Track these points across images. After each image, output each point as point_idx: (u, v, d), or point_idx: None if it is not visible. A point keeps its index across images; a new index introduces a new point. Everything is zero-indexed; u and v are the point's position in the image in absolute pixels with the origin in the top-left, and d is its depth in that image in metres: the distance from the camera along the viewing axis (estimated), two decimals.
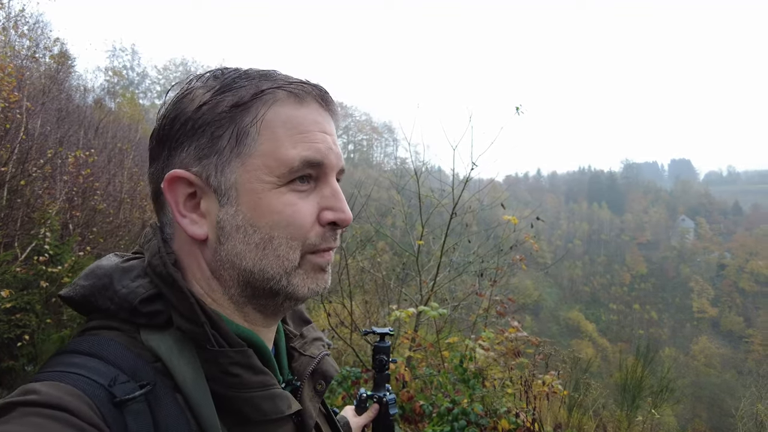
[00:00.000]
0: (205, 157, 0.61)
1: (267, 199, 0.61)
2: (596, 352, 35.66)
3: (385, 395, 1.28)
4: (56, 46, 12.62)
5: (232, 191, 0.61)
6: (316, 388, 0.76)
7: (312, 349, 0.79)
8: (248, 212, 0.61)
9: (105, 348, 0.58)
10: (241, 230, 0.61)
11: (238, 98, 0.61)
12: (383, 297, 6.27)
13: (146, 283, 0.62)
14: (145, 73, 60.47)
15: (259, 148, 0.61)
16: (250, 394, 0.60)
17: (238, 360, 0.60)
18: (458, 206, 5.51)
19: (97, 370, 0.55)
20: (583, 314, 56.48)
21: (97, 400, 0.51)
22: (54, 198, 6.62)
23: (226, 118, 0.61)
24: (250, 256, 0.62)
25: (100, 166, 8.64)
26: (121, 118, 15.28)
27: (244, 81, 0.63)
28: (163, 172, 0.63)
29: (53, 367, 0.56)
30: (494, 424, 3.17)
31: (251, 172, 0.61)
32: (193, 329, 0.59)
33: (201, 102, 0.61)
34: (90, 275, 0.64)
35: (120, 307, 0.61)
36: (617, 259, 75.15)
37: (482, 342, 4.07)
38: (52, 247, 5.67)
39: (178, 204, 0.62)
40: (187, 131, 0.61)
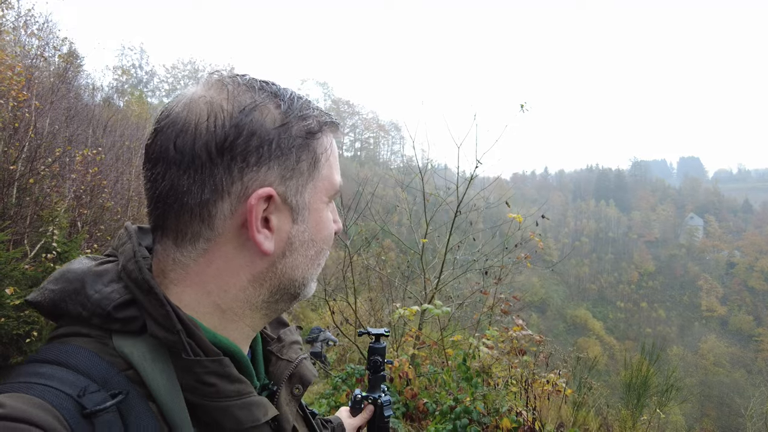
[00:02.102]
0: (290, 178, 0.64)
1: (323, 217, 0.69)
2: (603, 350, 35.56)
3: (380, 396, 1.28)
4: (65, 46, 12.71)
5: (305, 210, 0.66)
6: (294, 392, 0.75)
7: (290, 353, 0.78)
8: (312, 229, 0.68)
9: (74, 356, 0.56)
10: (305, 245, 0.67)
11: (312, 127, 0.67)
12: (388, 295, 6.27)
13: (120, 288, 0.60)
14: (153, 72, 60.71)
15: (323, 172, 0.68)
16: (225, 403, 0.60)
17: (213, 369, 0.59)
18: (463, 204, 5.50)
19: (66, 379, 0.53)
20: (590, 312, 56.22)
21: (65, 412, 0.49)
22: (62, 196, 6.69)
23: (304, 144, 0.65)
24: (304, 266, 0.68)
25: (108, 165, 8.71)
26: (129, 116, 15.35)
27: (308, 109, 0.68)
28: (231, 185, 0.60)
29: (19, 378, 0.53)
30: (496, 422, 3.17)
31: (317, 194, 0.68)
32: (167, 337, 0.58)
33: (279, 122, 0.63)
34: (60, 279, 0.62)
35: (92, 313, 0.59)
36: (625, 257, 74.66)
37: (486, 340, 4.08)
38: (60, 245, 5.73)
39: (257, 221, 0.61)
40: (273, 151, 0.62)
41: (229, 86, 0.63)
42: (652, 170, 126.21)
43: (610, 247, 78.58)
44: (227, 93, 0.62)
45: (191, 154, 0.59)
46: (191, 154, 0.59)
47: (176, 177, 0.60)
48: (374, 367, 1.32)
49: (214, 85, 0.63)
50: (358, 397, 1.31)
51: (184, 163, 0.60)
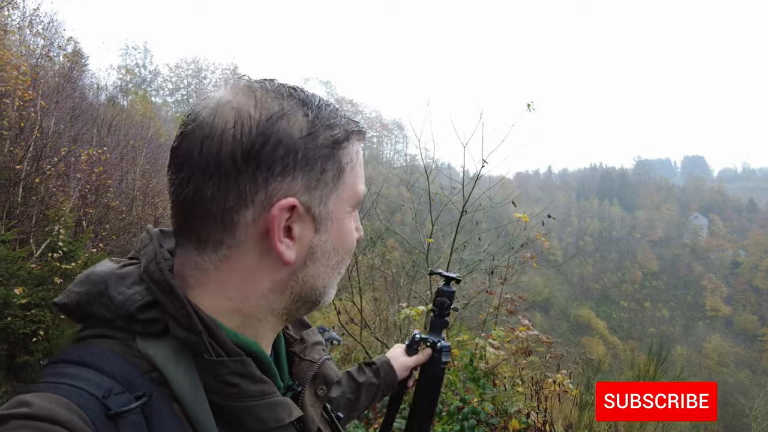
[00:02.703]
0: (314, 188, 0.63)
1: (346, 227, 0.69)
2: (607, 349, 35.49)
3: (440, 341, 1.25)
4: (70, 45, 12.76)
5: (328, 221, 0.66)
6: (318, 393, 0.75)
7: (313, 353, 0.78)
8: (335, 239, 0.67)
9: (99, 358, 0.57)
10: (326, 255, 0.67)
11: (337, 137, 0.66)
12: (393, 294, 6.27)
13: (142, 290, 0.61)
14: (157, 71, 60.85)
15: (348, 183, 0.67)
16: (249, 403, 0.60)
17: (236, 369, 0.59)
18: (468, 204, 5.48)
19: (91, 380, 0.54)
20: (593, 312, 56.13)
21: (90, 413, 0.50)
22: (68, 195, 6.72)
23: (330, 153, 0.65)
24: (325, 275, 0.68)
25: (112, 164, 8.74)
26: (133, 115, 15.40)
27: (335, 118, 0.67)
28: (256, 194, 0.60)
29: (46, 378, 0.54)
30: (504, 423, 3.16)
31: (341, 204, 0.67)
32: (189, 337, 0.58)
33: (306, 132, 0.62)
34: (84, 281, 0.63)
35: (116, 315, 0.59)
36: (628, 257, 74.50)
37: (492, 340, 4.06)
38: (66, 244, 5.76)
39: (280, 230, 0.61)
40: (299, 161, 0.61)
41: (257, 92, 0.62)
42: (656, 169, 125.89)
43: (614, 246, 78.40)
44: (255, 99, 0.61)
45: (216, 161, 0.59)
46: (216, 161, 0.59)
47: (201, 183, 0.59)
48: (440, 309, 1.27)
49: (242, 90, 0.62)
50: (417, 337, 1.29)
51: (209, 169, 0.59)
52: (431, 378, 1.24)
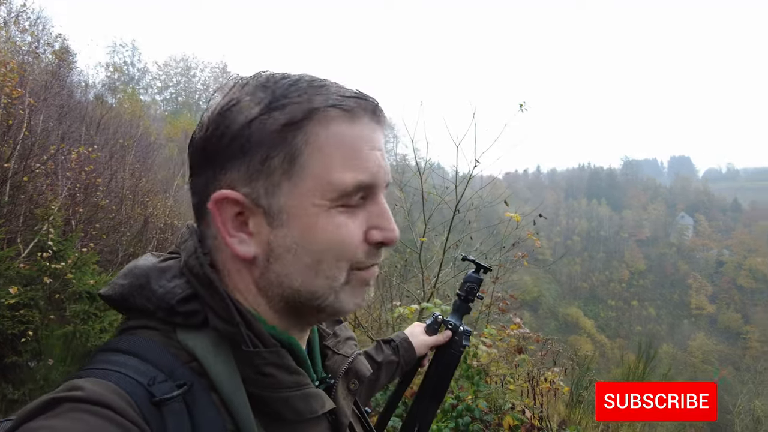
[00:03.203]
0: (256, 178, 0.60)
1: (318, 222, 0.60)
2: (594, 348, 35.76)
3: (462, 326, 1.25)
4: (57, 42, 12.62)
5: (282, 214, 0.60)
6: (350, 387, 0.76)
7: (345, 348, 0.79)
8: (299, 234, 0.60)
9: (144, 347, 0.59)
10: (291, 252, 0.61)
11: (290, 117, 0.59)
12: (385, 293, 6.30)
13: (183, 284, 0.63)
14: (145, 69, 60.00)
15: (310, 170, 0.60)
16: (284, 394, 0.61)
17: (272, 360, 0.61)
18: (461, 203, 5.52)
19: (137, 368, 0.56)
20: (581, 310, 56.56)
21: (137, 399, 0.53)
22: (56, 194, 6.63)
23: (278, 138, 0.59)
24: (300, 277, 0.62)
25: (102, 162, 8.65)
26: (122, 114, 15.26)
27: (295, 95, 0.60)
28: (208, 187, 0.62)
29: (96, 365, 0.57)
30: (498, 420, 3.20)
31: (303, 195, 0.60)
32: (228, 329, 0.60)
33: (250, 117, 0.59)
34: (128, 274, 0.65)
35: (157, 307, 0.61)
36: (616, 256, 75.16)
37: (485, 339, 4.10)
38: (55, 243, 5.69)
39: (226, 224, 0.61)
40: (237, 149, 0.59)
41: (228, 85, 0.65)
42: (644, 169, 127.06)
43: (602, 245, 79.06)
44: (223, 93, 0.64)
45: (191, 158, 0.65)
46: (191, 158, 0.65)
47: (190, 179, 0.66)
48: (467, 294, 1.27)
49: (223, 88, 0.66)
50: (439, 318, 1.29)
51: (191, 166, 0.65)
52: (448, 360, 1.25)
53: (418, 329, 1.32)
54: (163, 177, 14.77)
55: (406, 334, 1.31)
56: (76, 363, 5.58)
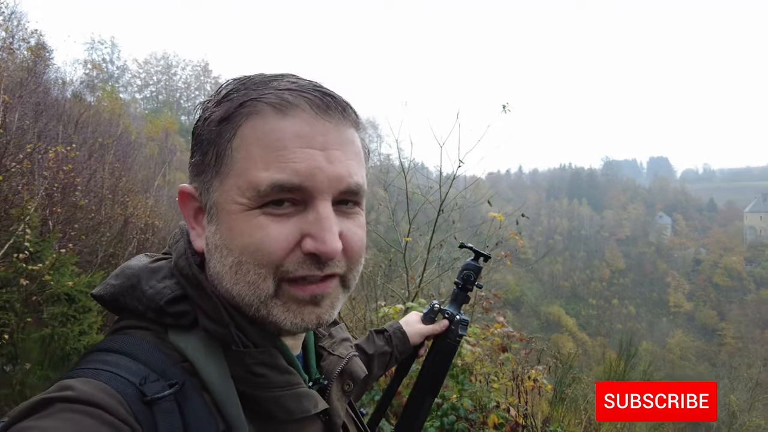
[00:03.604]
0: (198, 174, 0.62)
1: (238, 221, 0.58)
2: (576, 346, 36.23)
3: (459, 315, 1.24)
4: (33, 38, 12.29)
5: (213, 210, 0.60)
6: (344, 388, 0.77)
7: (340, 349, 0.79)
8: (224, 233, 0.59)
9: (136, 347, 0.59)
10: (218, 250, 0.60)
11: (224, 112, 0.59)
12: (370, 293, 6.28)
13: (173, 284, 0.63)
14: (125, 67, 59.00)
15: (235, 166, 0.58)
16: (276, 393, 0.61)
17: (263, 360, 0.61)
18: (444, 203, 5.53)
19: (129, 368, 0.56)
20: (563, 309, 57.22)
21: (128, 398, 0.53)
22: (33, 194, 6.47)
23: (213, 133, 0.59)
24: (227, 278, 0.60)
25: (80, 162, 8.47)
26: (101, 112, 14.95)
27: (236, 92, 0.59)
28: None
29: (87, 364, 0.57)
30: (483, 418, 3.22)
31: (227, 193, 0.58)
32: (218, 330, 0.60)
33: (204, 115, 0.63)
34: (120, 275, 0.66)
35: (147, 307, 0.62)
36: (597, 255, 76.24)
37: (469, 338, 4.12)
38: (32, 244, 5.55)
39: (188, 217, 0.65)
40: (193, 145, 0.63)
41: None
42: (623, 170, 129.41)
43: (583, 245, 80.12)
44: None
45: None
46: None
47: None
48: (464, 282, 1.25)
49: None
50: (435, 307, 1.27)
51: None
52: (445, 349, 1.23)
53: (413, 318, 1.31)
54: (143, 176, 14.54)
55: (401, 323, 1.29)
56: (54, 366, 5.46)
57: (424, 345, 1.32)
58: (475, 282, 1.25)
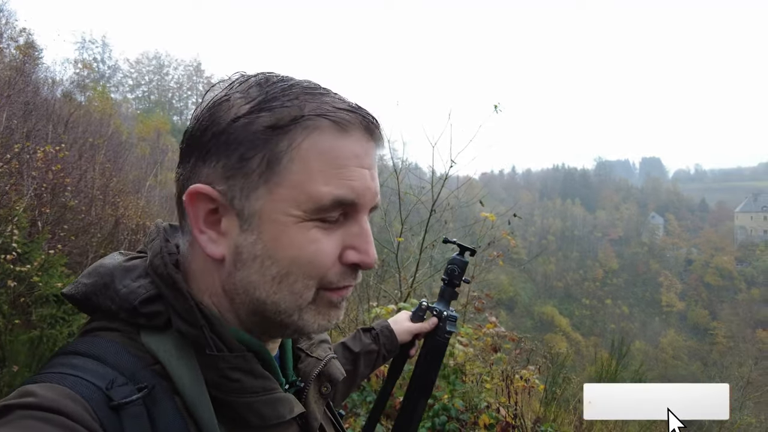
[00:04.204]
0: (232, 177, 0.58)
1: (290, 233, 0.58)
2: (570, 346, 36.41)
3: (446, 311, 1.22)
4: (22, 37, 12.21)
5: (254, 218, 0.58)
6: (322, 390, 0.75)
7: (319, 351, 0.78)
8: (269, 243, 0.58)
9: (104, 349, 0.57)
10: (258, 260, 0.58)
11: (276, 119, 0.57)
12: (362, 294, 6.27)
13: (147, 284, 0.61)
14: (116, 67, 58.48)
15: (289, 177, 0.57)
16: (250, 399, 0.60)
17: (237, 364, 0.59)
18: (437, 203, 5.54)
19: (95, 372, 0.54)
20: (557, 309, 57.47)
21: (93, 403, 0.51)
22: (21, 194, 6.40)
23: (260, 139, 0.57)
24: (265, 288, 0.59)
25: (70, 162, 8.38)
26: (91, 112, 14.83)
27: (287, 99, 0.58)
28: (188, 180, 0.61)
29: (51, 369, 0.55)
30: (474, 419, 3.22)
31: (277, 203, 0.58)
32: (191, 332, 0.58)
33: (237, 114, 0.58)
34: (92, 273, 0.64)
35: (120, 307, 0.60)
36: (590, 255, 76.67)
37: (461, 338, 4.12)
38: (20, 245, 5.49)
39: (198, 219, 0.60)
40: (219, 145, 0.58)
41: (235, 85, 0.63)
42: (616, 170, 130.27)
43: (576, 245, 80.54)
44: (216, 90, 0.63)
45: (180, 149, 0.65)
46: (180, 149, 0.65)
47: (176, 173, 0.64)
48: (450, 277, 1.23)
49: (224, 82, 0.64)
50: (424, 305, 1.26)
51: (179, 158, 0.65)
52: (433, 347, 1.21)
53: (402, 316, 1.29)
54: (134, 177, 14.41)
55: (389, 321, 1.28)
56: None
57: (416, 345, 1.31)
58: (461, 277, 1.24)
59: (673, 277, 67.57)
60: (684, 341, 51.20)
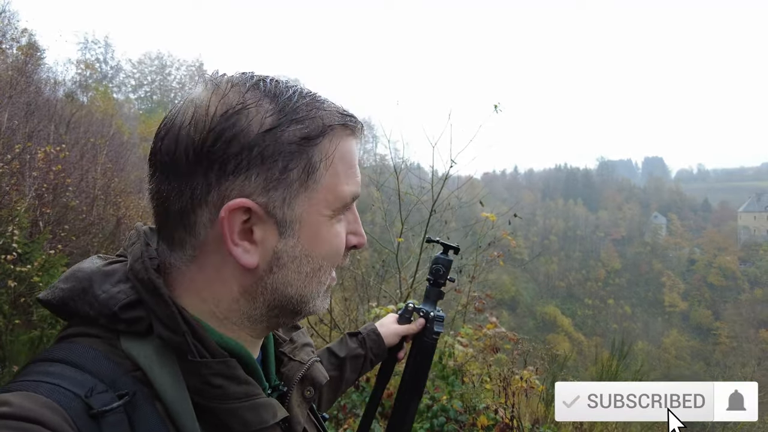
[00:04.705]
0: (274, 188, 0.59)
1: (323, 232, 0.64)
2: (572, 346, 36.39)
3: (433, 311, 1.22)
4: (24, 37, 12.24)
5: (296, 224, 0.62)
6: (305, 394, 0.75)
7: (302, 354, 0.78)
8: (306, 244, 0.63)
9: (83, 356, 0.56)
10: (296, 261, 0.63)
11: (309, 132, 0.61)
12: (363, 294, 6.26)
13: (127, 289, 0.60)
14: (119, 67, 58.71)
15: (322, 182, 0.62)
16: (233, 405, 0.59)
17: (220, 371, 0.59)
18: (437, 203, 5.52)
19: (74, 379, 0.53)
20: (559, 309, 57.40)
21: (72, 412, 0.49)
22: (23, 194, 6.42)
23: (297, 151, 0.60)
24: (297, 284, 0.64)
25: (72, 162, 8.41)
26: (93, 112, 14.88)
27: (308, 110, 0.62)
28: (208, 194, 0.58)
29: (27, 376, 0.53)
30: (473, 420, 3.20)
31: (314, 206, 0.62)
32: (173, 338, 0.57)
33: (266, 127, 0.58)
34: (70, 278, 0.62)
35: (99, 313, 0.59)
36: (592, 255, 76.52)
37: (461, 338, 4.10)
38: (20, 245, 5.50)
39: (233, 233, 0.59)
40: (253, 157, 0.57)
41: (222, 86, 0.60)
42: (618, 170, 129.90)
43: (578, 245, 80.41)
44: (218, 94, 0.59)
45: (173, 159, 0.58)
46: (173, 159, 0.58)
47: (161, 181, 0.60)
48: (435, 277, 1.23)
49: (209, 85, 0.61)
50: (410, 306, 1.25)
51: (167, 168, 0.59)
52: (422, 349, 1.20)
53: (389, 319, 1.29)
54: (136, 177, 14.42)
55: (376, 324, 1.27)
56: None
57: (404, 347, 1.30)
58: (446, 276, 1.24)
59: (675, 277, 67.38)
60: (687, 341, 51.09)
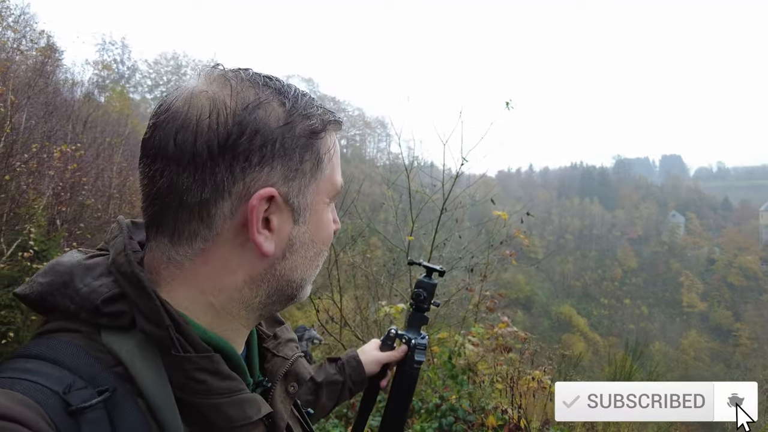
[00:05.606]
0: (293, 179, 0.63)
1: (323, 218, 0.69)
2: (587, 346, 36.03)
3: (415, 338, 1.18)
4: (42, 39, 12.45)
5: (306, 211, 0.66)
6: (289, 390, 0.75)
7: (285, 350, 0.78)
8: (313, 230, 0.67)
9: (61, 352, 0.55)
10: (305, 246, 0.67)
11: (315, 127, 0.65)
12: (374, 292, 6.26)
13: (110, 282, 0.59)
14: (135, 67, 59.80)
15: (325, 173, 0.68)
16: (216, 400, 0.58)
17: (203, 366, 0.58)
18: (449, 201, 5.49)
19: (52, 376, 0.52)
20: (574, 309, 56.87)
21: (49, 409, 0.48)
22: (40, 193, 6.54)
23: (308, 143, 0.64)
24: (303, 268, 0.68)
25: (88, 161, 8.56)
26: (110, 112, 15.12)
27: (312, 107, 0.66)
28: (232, 184, 0.59)
29: (3, 373, 0.52)
30: (482, 420, 3.18)
31: (319, 195, 0.67)
32: (156, 332, 0.56)
33: (283, 121, 0.62)
34: (49, 272, 0.61)
35: (81, 307, 0.58)
36: (608, 254, 75.65)
37: (472, 337, 4.07)
38: (37, 243, 5.60)
39: (258, 221, 0.61)
40: (276, 150, 0.61)
41: (231, 81, 0.62)
42: (635, 168, 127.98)
43: (594, 244, 79.53)
44: (230, 89, 0.61)
45: (192, 152, 0.58)
46: (192, 152, 0.58)
47: (175, 174, 0.58)
48: (417, 303, 1.20)
49: (217, 79, 0.62)
50: (392, 333, 1.23)
51: (184, 160, 0.58)
52: (403, 377, 1.18)
53: (371, 345, 1.27)
54: None
55: (357, 351, 1.26)
56: None
57: (388, 375, 1.27)
58: (430, 300, 1.20)
59: (694, 277, 66.29)
60: (706, 342, 50.24)
